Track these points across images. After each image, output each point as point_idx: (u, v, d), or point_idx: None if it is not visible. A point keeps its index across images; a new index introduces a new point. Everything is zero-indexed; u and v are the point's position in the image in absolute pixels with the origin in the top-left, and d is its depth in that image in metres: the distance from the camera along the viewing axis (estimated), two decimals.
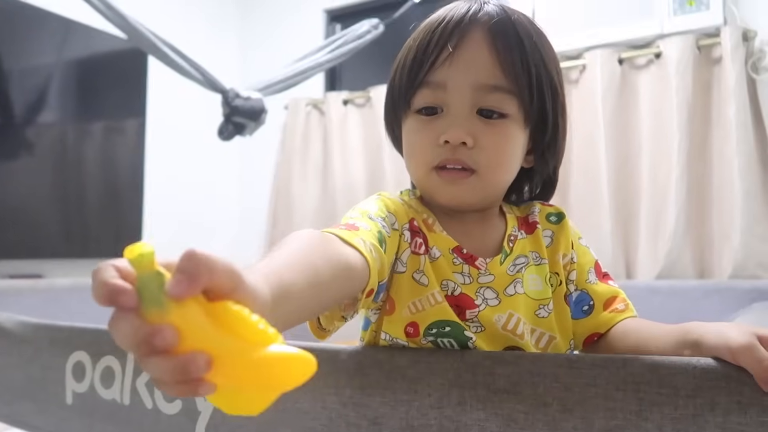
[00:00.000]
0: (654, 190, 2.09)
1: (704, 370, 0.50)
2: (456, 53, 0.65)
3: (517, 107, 0.66)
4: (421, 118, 0.68)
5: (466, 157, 0.65)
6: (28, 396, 0.87)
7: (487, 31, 0.66)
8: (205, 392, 0.33)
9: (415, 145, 0.69)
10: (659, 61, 2.14)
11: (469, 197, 0.68)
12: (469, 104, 0.66)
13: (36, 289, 1.73)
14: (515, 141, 0.67)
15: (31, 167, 2.38)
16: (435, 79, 0.67)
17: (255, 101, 2.14)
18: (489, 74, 0.65)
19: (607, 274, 0.75)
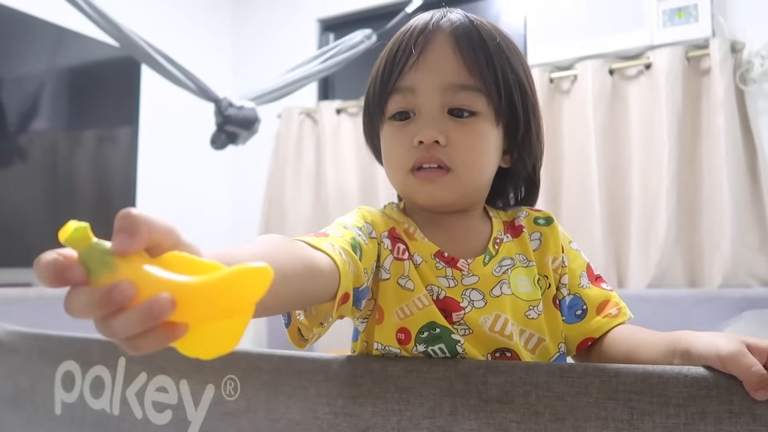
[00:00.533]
0: (645, 200, 2.10)
1: (695, 379, 0.51)
2: (421, 58, 0.68)
3: (486, 104, 0.68)
4: (395, 123, 0.71)
5: (441, 155, 0.67)
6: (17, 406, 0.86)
7: (450, 35, 0.69)
8: (177, 335, 0.33)
9: (391, 149, 0.71)
10: (649, 71, 2.16)
11: (447, 195, 0.69)
12: (439, 105, 0.68)
13: (26, 297, 1.71)
14: (487, 138, 0.69)
15: (23, 175, 2.36)
16: (404, 84, 0.69)
17: (248, 110, 2.14)
18: (455, 74, 0.68)
19: (599, 277, 0.75)
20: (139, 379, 0.73)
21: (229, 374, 0.67)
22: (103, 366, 0.76)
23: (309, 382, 0.63)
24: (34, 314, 1.64)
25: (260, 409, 0.65)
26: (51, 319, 1.67)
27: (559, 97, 2.32)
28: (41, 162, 2.42)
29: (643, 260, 2.07)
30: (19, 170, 2.36)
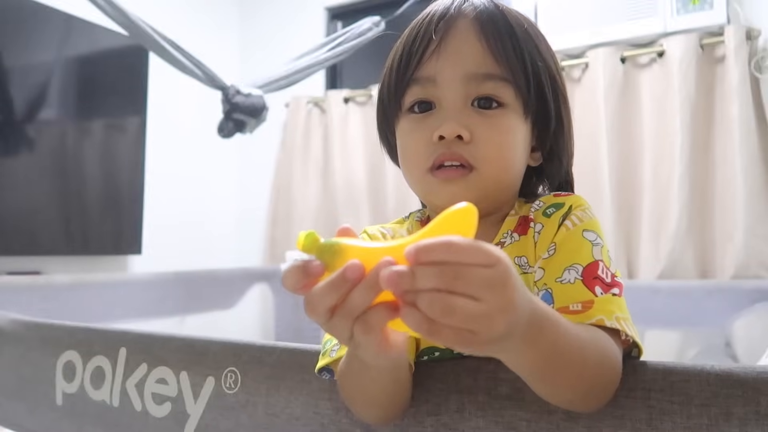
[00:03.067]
0: (656, 190, 2.07)
1: (719, 377, 0.48)
2: (442, 45, 0.63)
3: (513, 95, 0.63)
4: (413, 116, 0.65)
5: (464, 151, 0.62)
6: (20, 396, 0.86)
7: (474, 20, 0.63)
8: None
9: (408, 146, 0.66)
10: (662, 59, 2.12)
11: (470, 196, 0.61)
12: (462, 96, 0.62)
13: (34, 285, 1.72)
14: (515, 132, 0.63)
15: (32, 164, 2.36)
16: (424, 74, 0.63)
17: (256, 98, 2.12)
18: (479, 63, 0.62)
19: (598, 279, 0.58)
20: (139, 371, 0.72)
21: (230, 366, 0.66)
22: (104, 356, 0.75)
23: (312, 376, 0.62)
24: (42, 302, 1.65)
25: (260, 403, 0.64)
26: (58, 307, 1.68)
27: (570, 85, 2.28)
28: (49, 151, 2.42)
29: (654, 251, 2.05)
30: (28, 159, 2.36)
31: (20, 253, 2.32)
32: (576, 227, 0.62)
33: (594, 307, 0.55)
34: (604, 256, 0.60)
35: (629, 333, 0.53)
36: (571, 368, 0.47)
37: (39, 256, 2.37)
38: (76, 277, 1.83)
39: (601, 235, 0.62)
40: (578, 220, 0.62)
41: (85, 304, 1.77)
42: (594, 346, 0.49)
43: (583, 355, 0.47)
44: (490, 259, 0.36)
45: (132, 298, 1.94)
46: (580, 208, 0.64)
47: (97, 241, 2.57)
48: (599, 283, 0.57)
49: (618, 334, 0.53)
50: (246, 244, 3.07)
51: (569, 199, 0.65)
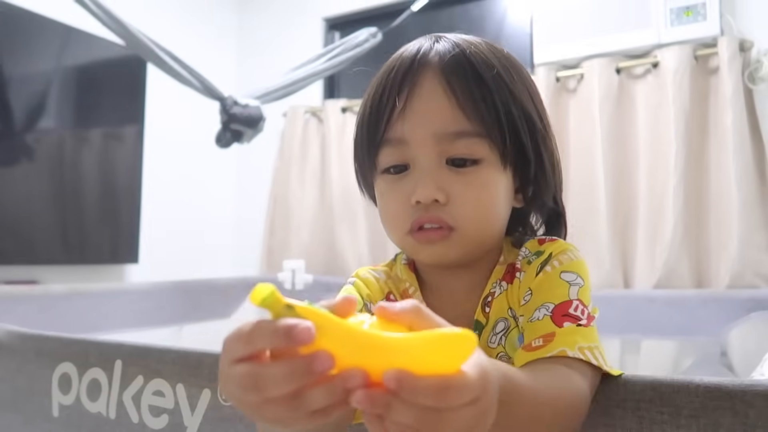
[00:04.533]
0: (651, 199, 2.08)
1: (707, 389, 0.49)
2: (409, 105, 0.60)
3: (488, 150, 0.60)
4: (389, 177, 0.63)
5: (442, 213, 0.59)
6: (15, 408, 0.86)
7: (440, 72, 0.60)
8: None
9: (386, 208, 0.64)
10: (656, 70, 2.14)
11: (452, 255, 0.61)
12: (435, 155, 0.60)
13: (31, 295, 1.71)
14: (494, 187, 0.61)
15: (30, 173, 2.37)
16: (394, 135, 0.61)
17: (253, 108, 2.13)
18: (449, 121, 0.59)
19: (569, 317, 0.56)
20: (135, 383, 0.72)
21: None
22: (100, 368, 0.76)
23: None
24: (40, 311, 1.65)
25: None
26: (55, 317, 1.68)
27: (566, 95, 2.30)
28: (47, 160, 2.43)
29: (650, 260, 2.05)
30: (26, 168, 2.36)
31: (17, 262, 2.32)
32: (554, 270, 0.60)
33: (555, 340, 0.53)
34: (582, 296, 0.58)
35: (595, 363, 0.52)
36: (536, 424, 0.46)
37: (36, 266, 2.37)
38: (72, 287, 1.83)
39: (582, 275, 0.60)
40: (558, 263, 0.61)
41: (82, 313, 1.77)
42: (558, 398, 0.48)
43: (548, 413, 0.46)
44: (476, 393, 0.33)
45: (129, 307, 1.94)
46: (562, 252, 0.62)
47: (94, 250, 2.57)
48: (569, 320, 0.55)
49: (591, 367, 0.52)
50: (243, 253, 3.08)
51: (551, 246, 0.64)
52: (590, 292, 0.60)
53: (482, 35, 0.67)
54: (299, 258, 2.53)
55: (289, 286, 2.39)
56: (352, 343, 0.31)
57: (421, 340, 0.32)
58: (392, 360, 0.31)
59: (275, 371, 0.32)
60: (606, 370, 0.53)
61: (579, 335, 0.54)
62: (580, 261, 0.62)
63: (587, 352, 0.52)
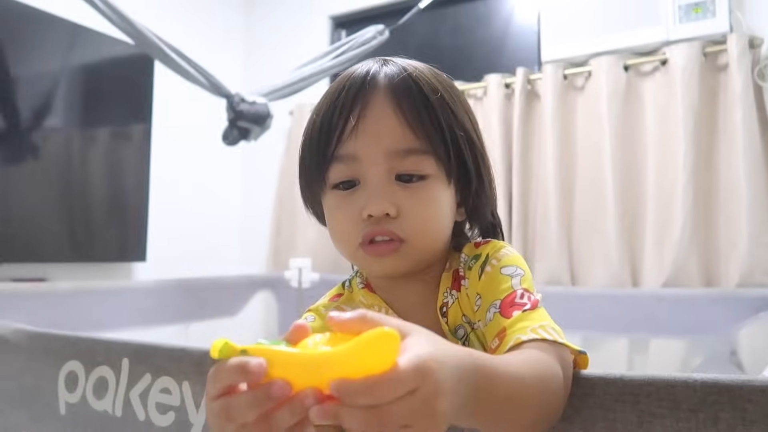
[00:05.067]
0: (660, 198, 2.07)
1: (705, 385, 0.49)
2: (361, 123, 0.62)
3: (435, 166, 0.63)
4: (338, 193, 0.65)
5: (393, 226, 0.62)
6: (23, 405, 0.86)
7: (389, 94, 0.63)
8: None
9: (337, 223, 0.66)
10: (665, 68, 2.13)
11: (402, 266, 0.64)
12: (385, 172, 0.63)
13: (39, 292, 1.73)
14: (440, 201, 0.65)
15: (37, 172, 2.38)
16: (345, 152, 0.63)
17: (260, 106, 2.14)
18: (399, 139, 0.62)
19: (516, 305, 0.59)
20: (143, 381, 0.73)
21: None
22: (107, 366, 0.76)
23: None
24: (47, 308, 1.66)
25: None
26: (62, 314, 1.69)
27: (573, 93, 2.29)
28: (55, 159, 2.44)
29: (658, 259, 2.04)
30: (33, 167, 2.38)
31: (25, 260, 2.33)
32: (494, 268, 0.64)
33: (507, 333, 0.56)
34: (524, 283, 0.61)
35: (550, 338, 0.53)
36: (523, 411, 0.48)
37: (44, 263, 2.39)
38: (80, 284, 1.84)
39: (521, 265, 0.64)
40: (496, 261, 0.64)
41: (89, 311, 1.78)
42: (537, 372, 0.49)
43: (531, 394, 0.48)
44: (412, 384, 0.35)
45: (136, 305, 1.95)
46: (497, 250, 0.66)
47: (101, 248, 2.58)
48: (516, 308, 0.58)
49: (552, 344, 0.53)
50: (249, 252, 3.09)
51: (485, 248, 0.67)
52: (532, 280, 0.63)
53: (489, 33, 0.68)
54: (306, 256, 2.54)
55: (296, 285, 2.40)
56: (300, 366, 0.35)
57: (352, 347, 0.34)
58: (335, 372, 0.34)
59: (240, 400, 0.37)
60: (562, 342, 0.54)
61: (527, 319, 0.56)
62: (516, 255, 0.66)
63: (540, 330, 0.54)
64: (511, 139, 2.34)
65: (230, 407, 0.37)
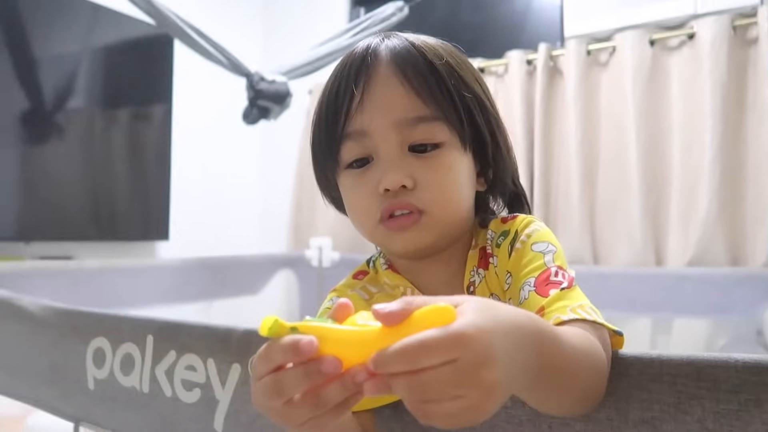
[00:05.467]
0: (685, 175, 2.03)
1: (747, 366, 0.47)
2: (366, 96, 0.61)
3: (448, 132, 0.62)
4: (353, 172, 0.64)
5: (411, 198, 0.61)
6: (52, 380, 0.88)
7: (392, 64, 0.62)
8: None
9: (354, 201, 0.65)
10: (692, 42, 2.07)
11: (425, 239, 0.62)
12: (397, 144, 0.61)
13: (66, 270, 1.76)
14: (458, 168, 0.63)
15: (61, 152, 2.41)
16: (354, 129, 0.62)
17: (280, 84, 2.13)
18: (407, 107, 0.61)
19: (552, 284, 0.57)
20: (168, 358, 0.73)
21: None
22: (132, 343, 0.77)
23: None
24: (73, 286, 1.69)
25: None
26: (88, 291, 1.72)
27: (597, 69, 2.24)
28: (78, 139, 2.47)
29: (683, 238, 2.01)
30: (58, 146, 2.41)
31: (52, 238, 2.37)
32: (524, 245, 0.62)
33: (545, 313, 0.54)
34: (558, 260, 0.60)
35: (590, 318, 0.52)
36: (574, 385, 0.47)
37: (69, 242, 2.43)
38: (105, 263, 1.87)
39: (552, 241, 0.62)
40: (526, 237, 0.62)
41: (114, 288, 1.81)
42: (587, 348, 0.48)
43: (584, 367, 0.47)
44: (451, 353, 0.34)
45: (160, 283, 1.98)
46: (526, 226, 0.64)
47: (125, 227, 2.62)
48: (553, 287, 0.57)
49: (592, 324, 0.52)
50: (270, 231, 3.10)
51: (514, 223, 0.65)
52: (564, 256, 0.61)
53: (511, 8, 0.69)
54: (326, 235, 2.54)
55: (316, 264, 2.41)
56: (350, 343, 0.36)
57: (405, 324, 0.35)
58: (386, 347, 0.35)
59: (291, 375, 0.38)
60: (601, 323, 0.53)
61: (565, 299, 0.55)
62: (546, 230, 0.64)
63: (579, 310, 0.53)
64: (532, 117, 2.31)
65: (280, 381, 0.38)
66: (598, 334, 0.52)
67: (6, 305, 0.99)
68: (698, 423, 0.48)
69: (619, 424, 0.50)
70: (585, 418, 0.52)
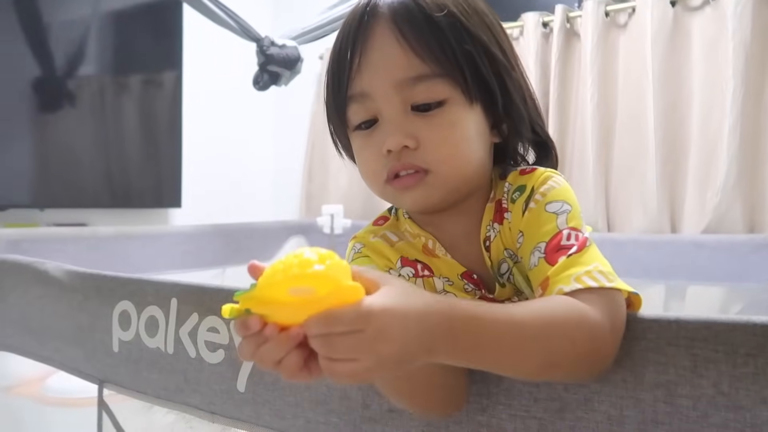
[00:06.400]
0: (704, 141, 1.99)
1: (765, 328, 0.47)
2: (365, 58, 0.61)
3: (451, 89, 0.61)
4: (361, 133, 0.65)
5: (414, 158, 0.61)
6: (77, 343, 0.90)
7: (390, 21, 0.60)
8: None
9: (362, 163, 0.66)
10: (715, 2, 2.01)
11: (433, 197, 0.63)
12: (399, 103, 0.61)
13: (80, 236, 1.78)
14: (463, 124, 0.62)
15: (73, 119, 2.41)
16: (355, 91, 0.62)
17: (290, 49, 2.10)
18: (405, 67, 0.60)
19: (563, 249, 0.56)
20: (191, 320, 0.75)
21: None
22: (156, 306, 0.78)
23: None
24: (88, 252, 1.72)
25: None
26: (104, 257, 1.75)
27: (615, 31, 2.19)
28: (89, 106, 2.46)
29: (700, 204, 1.99)
30: (70, 114, 2.41)
31: (66, 205, 2.40)
32: (538, 204, 0.61)
33: (550, 284, 0.54)
34: (572, 221, 0.59)
35: (596, 285, 0.52)
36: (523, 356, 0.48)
37: (84, 209, 2.45)
38: (119, 229, 1.88)
39: (568, 199, 0.61)
40: (541, 196, 0.61)
41: (129, 254, 1.84)
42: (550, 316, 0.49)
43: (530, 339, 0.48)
44: (357, 325, 0.40)
45: (174, 249, 2.00)
46: (542, 183, 0.62)
47: (138, 194, 2.63)
48: (563, 253, 0.56)
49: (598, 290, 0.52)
50: (283, 198, 3.11)
51: (531, 178, 0.64)
52: (580, 214, 0.60)
53: None
54: (338, 203, 2.55)
55: (328, 231, 2.42)
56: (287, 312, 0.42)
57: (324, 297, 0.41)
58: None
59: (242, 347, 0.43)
60: (610, 285, 0.52)
61: (572, 266, 0.54)
62: (564, 187, 0.62)
63: (585, 278, 0.52)
64: (548, 80, 2.27)
65: (241, 346, 0.43)
66: (603, 300, 0.51)
67: (28, 270, 1.01)
68: (713, 387, 0.48)
69: (635, 386, 0.51)
70: (601, 379, 0.52)
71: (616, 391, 0.51)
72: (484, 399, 0.56)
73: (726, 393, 0.47)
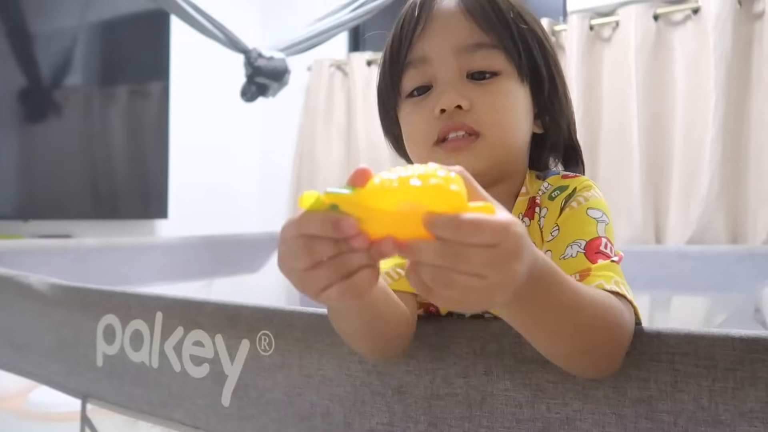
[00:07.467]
0: (687, 152, 2.02)
1: (744, 342, 0.48)
2: (428, 25, 0.65)
3: (505, 61, 0.65)
4: (413, 100, 0.67)
5: (466, 119, 0.63)
6: (61, 357, 0.89)
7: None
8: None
9: (411, 126, 0.67)
10: (697, 16, 2.04)
11: (479, 163, 0.63)
12: (456, 69, 0.64)
13: (65, 248, 1.76)
14: (514, 96, 0.65)
15: (59, 129, 2.40)
16: (416, 55, 0.66)
17: (278, 61, 2.11)
18: (467, 34, 0.64)
19: (601, 254, 0.57)
20: (176, 334, 0.74)
21: (263, 330, 0.67)
22: (141, 320, 0.78)
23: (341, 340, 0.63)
24: (73, 264, 1.70)
25: (294, 365, 0.66)
26: (90, 269, 1.73)
27: (599, 45, 2.22)
28: (76, 117, 2.45)
29: (684, 215, 2.01)
30: (55, 124, 2.39)
31: (51, 216, 2.37)
32: (581, 206, 0.62)
33: (591, 274, 0.55)
34: (608, 234, 0.60)
35: (628, 296, 0.53)
36: (572, 323, 0.47)
37: (68, 221, 2.43)
38: (105, 241, 1.87)
39: (607, 213, 0.62)
40: (584, 200, 0.63)
41: (114, 266, 1.82)
42: (601, 304, 0.49)
43: (587, 312, 0.47)
44: (495, 237, 0.36)
45: (160, 261, 1.98)
46: (586, 189, 0.64)
47: (124, 205, 2.62)
48: (602, 257, 0.57)
49: (624, 298, 0.53)
50: (270, 208, 3.10)
51: (575, 181, 0.66)
52: (613, 231, 0.62)
53: None
54: None
55: None
56: (382, 220, 0.36)
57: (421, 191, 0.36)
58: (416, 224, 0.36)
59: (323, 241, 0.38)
60: (635, 306, 0.54)
61: (612, 270, 0.56)
62: (603, 200, 0.64)
63: (622, 286, 0.54)
64: None
65: (310, 245, 0.38)
66: (627, 309, 0.52)
67: (11, 283, 1.00)
68: (694, 402, 0.48)
69: (617, 403, 0.51)
70: (583, 397, 0.52)
71: (598, 408, 0.52)
72: (466, 422, 0.56)
73: (706, 408, 0.48)
